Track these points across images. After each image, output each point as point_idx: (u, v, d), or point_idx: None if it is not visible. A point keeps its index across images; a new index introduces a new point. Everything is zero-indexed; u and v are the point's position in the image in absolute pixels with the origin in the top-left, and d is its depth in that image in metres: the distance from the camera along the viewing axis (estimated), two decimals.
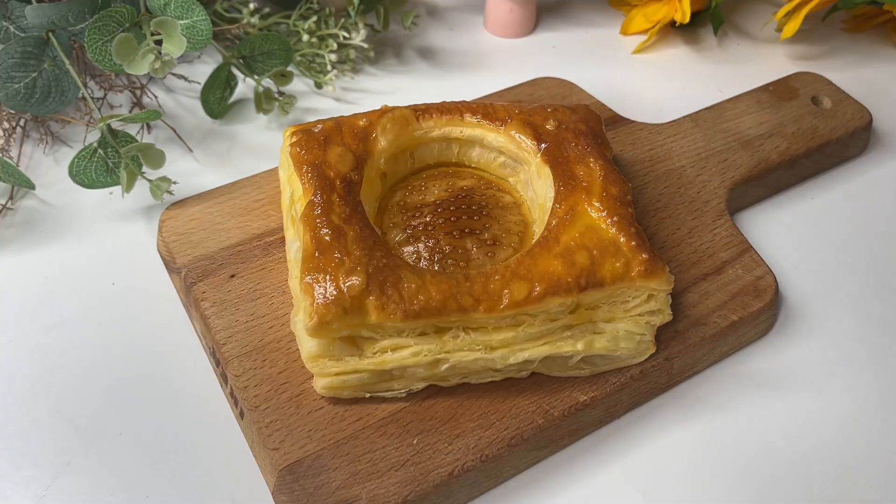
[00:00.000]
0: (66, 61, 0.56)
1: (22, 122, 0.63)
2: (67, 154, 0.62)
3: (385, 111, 0.50)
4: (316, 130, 0.49)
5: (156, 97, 0.67)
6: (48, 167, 0.61)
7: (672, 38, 0.77)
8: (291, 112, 0.66)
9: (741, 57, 0.74)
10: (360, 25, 0.67)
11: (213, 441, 0.45)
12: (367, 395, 0.44)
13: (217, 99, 0.65)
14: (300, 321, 0.43)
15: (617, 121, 0.62)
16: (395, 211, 0.49)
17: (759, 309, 0.49)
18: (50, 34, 0.56)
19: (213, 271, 0.49)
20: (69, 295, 0.52)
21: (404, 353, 0.42)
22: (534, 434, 0.43)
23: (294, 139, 0.49)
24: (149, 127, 0.64)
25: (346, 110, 0.67)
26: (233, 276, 0.49)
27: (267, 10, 0.71)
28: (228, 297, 0.48)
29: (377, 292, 0.41)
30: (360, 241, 0.43)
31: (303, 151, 0.47)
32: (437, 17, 0.80)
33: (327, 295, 0.41)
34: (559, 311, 0.43)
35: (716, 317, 0.48)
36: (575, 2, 0.82)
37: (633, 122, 0.62)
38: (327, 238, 0.43)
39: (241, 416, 0.44)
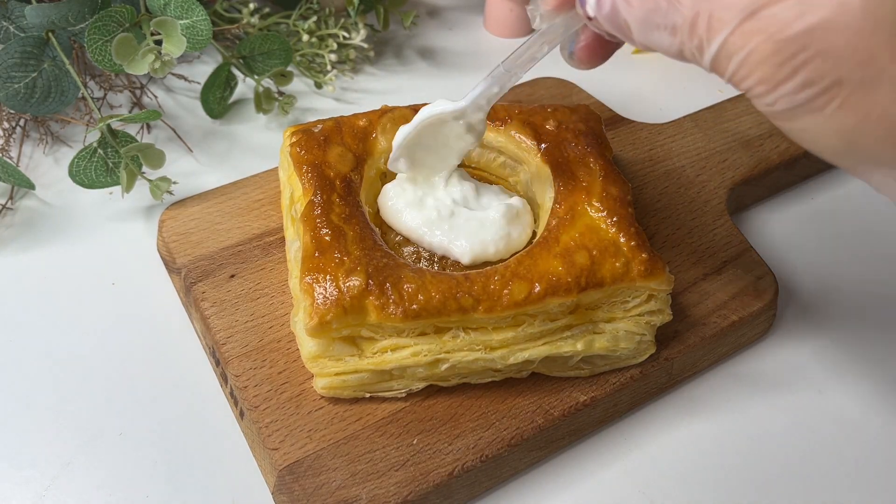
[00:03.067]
0: (66, 61, 0.56)
1: (22, 122, 0.63)
2: (67, 154, 0.62)
3: (385, 111, 0.50)
4: (316, 130, 0.49)
5: (156, 97, 0.67)
6: (48, 167, 0.61)
7: None
8: (291, 112, 0.66)
9: None
10: (360, 25, 0.67)
11: (213, 441, 0.45)
12: (367, 395, 0.44)
13: (217, 99, 0.65)
14: (300, 321, 0.43)
15: (617, 121, 0.62)
16: None
17: (759, 309, 0.49)
18: (50, 34, 0.56)
19: (212, 271, 0.49)
20: (69, 295, 0.52)
21: (404, 353, 0.42)
22: (534, 434, 0.43)
23: (294, 139, 0.49)
24: (149, 127, 0.64)
25: (346, 110, 0.67)
26: (233, 276, 0.49)
27: (267, 10, 0.71)
28: (228, 297, 0.48)
29: (377, 292, 0.41)
30: (359, 241, 0.43)
31: (303, 151, 0.47)
32: (437, 17, 0.80)
33: (327, 295, 0.41)
34: (559, 311, 0.43)
35: (716, 317, 0.48)
36: None
37: (633, 122, 0.62)
38: (327, 238, 0.43)
39: (241, 416, 0.44)
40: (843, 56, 0.29)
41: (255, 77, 0.63)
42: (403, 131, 0.45)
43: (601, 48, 0.39)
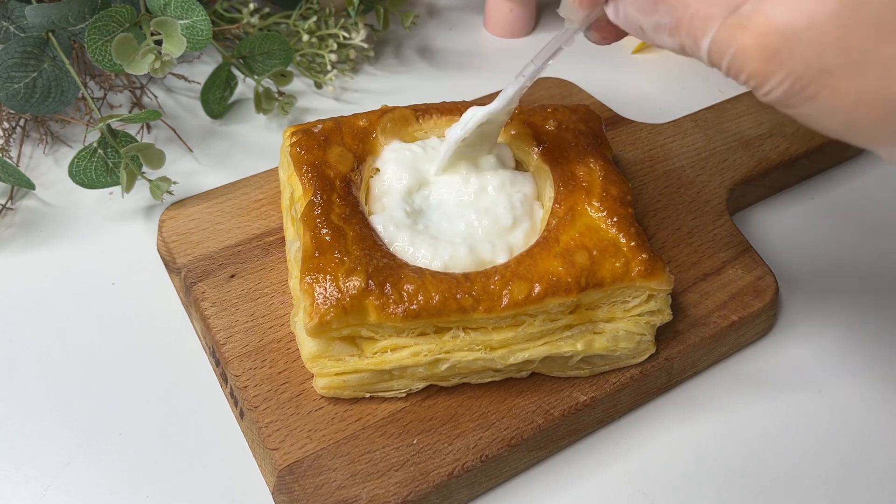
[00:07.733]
0: (66, 61, 0.56)
1: (22, 122, 0.63)
2: (67, 154, 0.62)
3: (385, 111, 0.50)
4: (316, 130, 0.49)
5: (156, 97, 0.67)
6: (48, 167, 0.61)
7: None
8: (291, 112, 0.66)
9: None
10: (360, 25, 0.67)
11: (213, 441, 0.45)
12: (367, 395, 0.44)
13: (217, 99, 0.65)
14: (300, 321, 0.43)
15: (617, 121, 0.62)
16: None
17: (759, 309, 0.49)
18: (50, 34, 0.56)
19: (212, 271, 0.49)
20: (69, 295, 0.52)
21: (404, 353, 0.42)
22: (534, 434, 0.43)
23: (294, 139, 0.49)
24: (149, 127, 0.64)
25: (346, 110, 0.67)
26: (233, 276, 0.49)
27: (267, 10, 0.71)
28: (228, 297, 0.48)
29: (377, 292, 0.41)
30: (360, 240, 0.43)
31: (303, 151, 0.47)
32: (437, 17, 0.80)
33: (327, 295, 0.41)
34: (559, 311, 0.43)
35: (716, 317, 0.48)
36: None
37: (633, 122, 0.62)
38: (327, 238, 0.43)
39: (241, 416, 0.44)
40: (827, 45, 0.29)
41: (255, 77, 0.63)
42: (450, 139, 0.46)
43: (615, 33, 0.40)
